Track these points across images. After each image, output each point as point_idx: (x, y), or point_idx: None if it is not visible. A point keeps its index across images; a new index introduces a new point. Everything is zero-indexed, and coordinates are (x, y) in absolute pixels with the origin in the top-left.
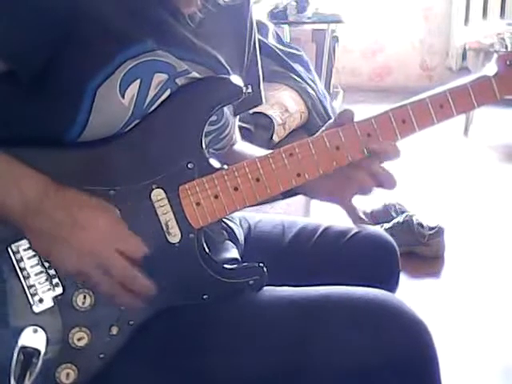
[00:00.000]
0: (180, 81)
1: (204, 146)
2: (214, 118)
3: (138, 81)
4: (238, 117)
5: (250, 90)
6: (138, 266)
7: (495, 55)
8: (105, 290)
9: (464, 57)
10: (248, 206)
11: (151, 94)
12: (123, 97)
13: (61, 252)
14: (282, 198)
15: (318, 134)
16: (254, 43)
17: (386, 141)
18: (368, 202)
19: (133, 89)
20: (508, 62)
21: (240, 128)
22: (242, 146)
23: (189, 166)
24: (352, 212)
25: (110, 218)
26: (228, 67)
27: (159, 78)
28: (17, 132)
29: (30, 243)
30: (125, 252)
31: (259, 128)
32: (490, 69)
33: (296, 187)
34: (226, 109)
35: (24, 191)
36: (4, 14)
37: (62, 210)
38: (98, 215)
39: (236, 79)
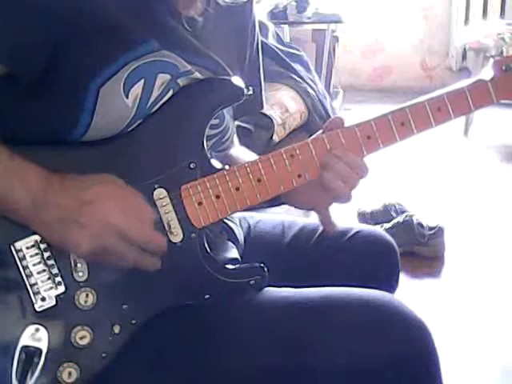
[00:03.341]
0: (182, 81)
1: (206, 146)
2: (215, 121)
3: (142, 81)
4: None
5: (250, 92)
6: (151, 226)
7: (491, 60)
8: (129, 258)
9: (464, 57)
10: (249, 207)
11: (155, 94)
12: (127, 97)
13: (75, 236)
14: (267, 207)
15: (311, 139)
16: (257, 47)
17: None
18: (368, 202)
19: (137, 89)
20: (504, 67)
21: (240, 128)
22: (238, 152)
23: (191, 166)
24: (326, 221)
25: (115, 187)
26: (229, 69)
27: (162, 78)
28: (19, 133)
29: (41, 237)
30: (137, 215)
31: (259, 128)
32: (487, 73)
33: (279, 196)
34: (226, 113)
35: (29, 186)
36: (4, 16)
37: (67, 194)
38: (105, 189)
39: (237, 80)
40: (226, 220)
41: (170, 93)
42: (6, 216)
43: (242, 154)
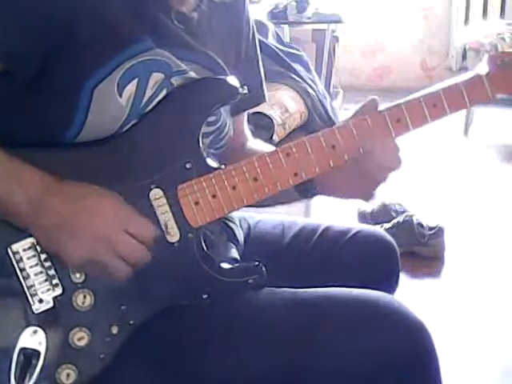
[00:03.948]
0: (175, 80)
1: (201, 145)
2: (212, 118)
3: (136, 80)
4: (246, 116)
5: (245, 91)
6: (147, 246)
7: (486, 55)
8: (119, 273)
9: (464, 57)
10: (247, 206)
11: (148, 93)
12: (121, 96)
13: (69, 244)
14: (300, 199)
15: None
16: (254, 41)
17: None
18: (368, 202)
19: (131, 88)
20: (499, 62)
21: None
22: (254, 144)
23: (187, 165)
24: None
25: (115, 203)
26: (224, 66)
27: (156, 77)
28: (14, 133)
29: (37, 241)
30: (133, 233)
31: (259, 128)
32: (482, 68)
33: (316, 188)
34: (222, 109)
35: (27, 190)
36: (3, 15)
37: (66, 203)
38: (102, 201)
39: (232, 80)
40: (225, 220)
41: (164, 92)
42: (4, 219)
43: (258, 146)
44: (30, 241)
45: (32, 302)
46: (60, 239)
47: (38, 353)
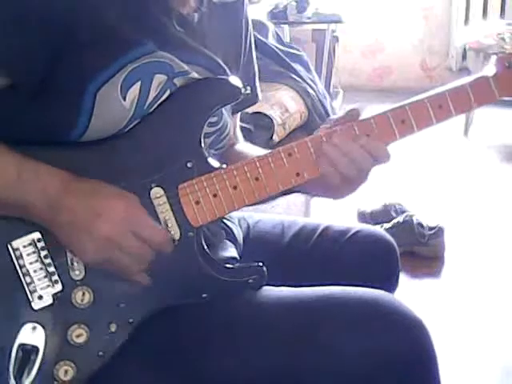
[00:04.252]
0: (178, 81)
1: (203, 145)
2: (214, 119)
3: (139, 83)
4: (239, 117)
5: (248, 91)
6: (154, 249)
7: (494, 57)
8: (132, 272)
9: (464, 57)
10: (247, 205)
11: (152, 95)
12: (124, 99)
13: (81, 243)
14: (281, 195)
15: (316, 131)
16: (250, 41)
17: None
18: (368, 202)
19: (134, 91)
20: (507, 64)
21: (240, 128)
22: (244, 147)
23: (188, 165)
24: None
25: (127, 204)
26: (225, 67)
27: (159, 79)
28: (19, 136)
29: (38, 238)
30: (141, 236)
31: (259, 128)
32: (489, 70)
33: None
34: (223, 110)
35: (46, 189)
36: (4, 22)
37: (81, 201)
38: (113, 201)
39: (235, 80)
40: (224, 219)
41: (167, 93)
42: (5, 216)
43: (247, 149)
44: (30, 237)
45: (31, 299)
46: (75, 238)
47: (36, 349)
